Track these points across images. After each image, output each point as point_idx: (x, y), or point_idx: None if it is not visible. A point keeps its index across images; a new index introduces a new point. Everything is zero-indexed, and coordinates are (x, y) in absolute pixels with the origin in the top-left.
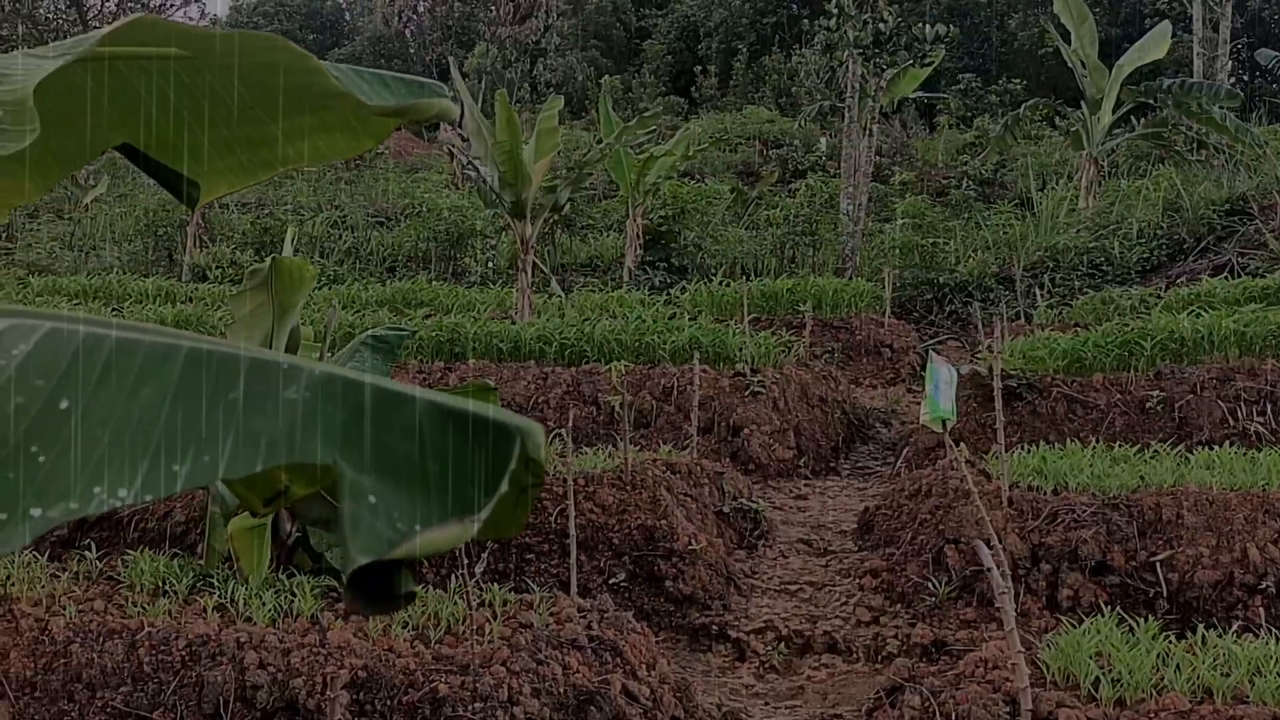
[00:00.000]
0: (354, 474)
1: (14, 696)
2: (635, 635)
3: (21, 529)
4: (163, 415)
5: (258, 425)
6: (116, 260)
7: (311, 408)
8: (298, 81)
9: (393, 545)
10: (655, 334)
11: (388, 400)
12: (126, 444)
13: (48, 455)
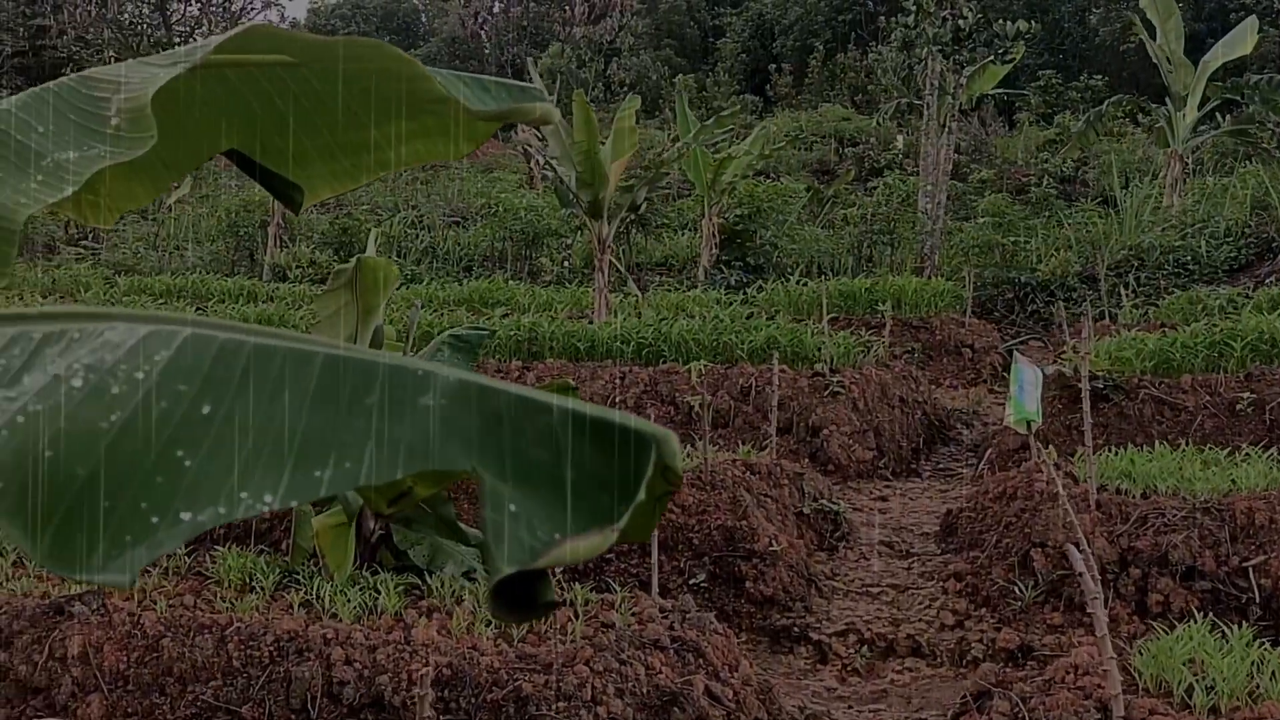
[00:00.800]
0: (494, 482)
1: (107, 690)
2: (717, 636)
3: (172, 532)
4: (303, 421)
5: (396, 432)
6: (199, 260)
7: (448, 414)
8: (402, 87)
9: (536, 555)
10: (733, 334)
11: (524, 407)
12: (269, 449)
13: (193, 460)
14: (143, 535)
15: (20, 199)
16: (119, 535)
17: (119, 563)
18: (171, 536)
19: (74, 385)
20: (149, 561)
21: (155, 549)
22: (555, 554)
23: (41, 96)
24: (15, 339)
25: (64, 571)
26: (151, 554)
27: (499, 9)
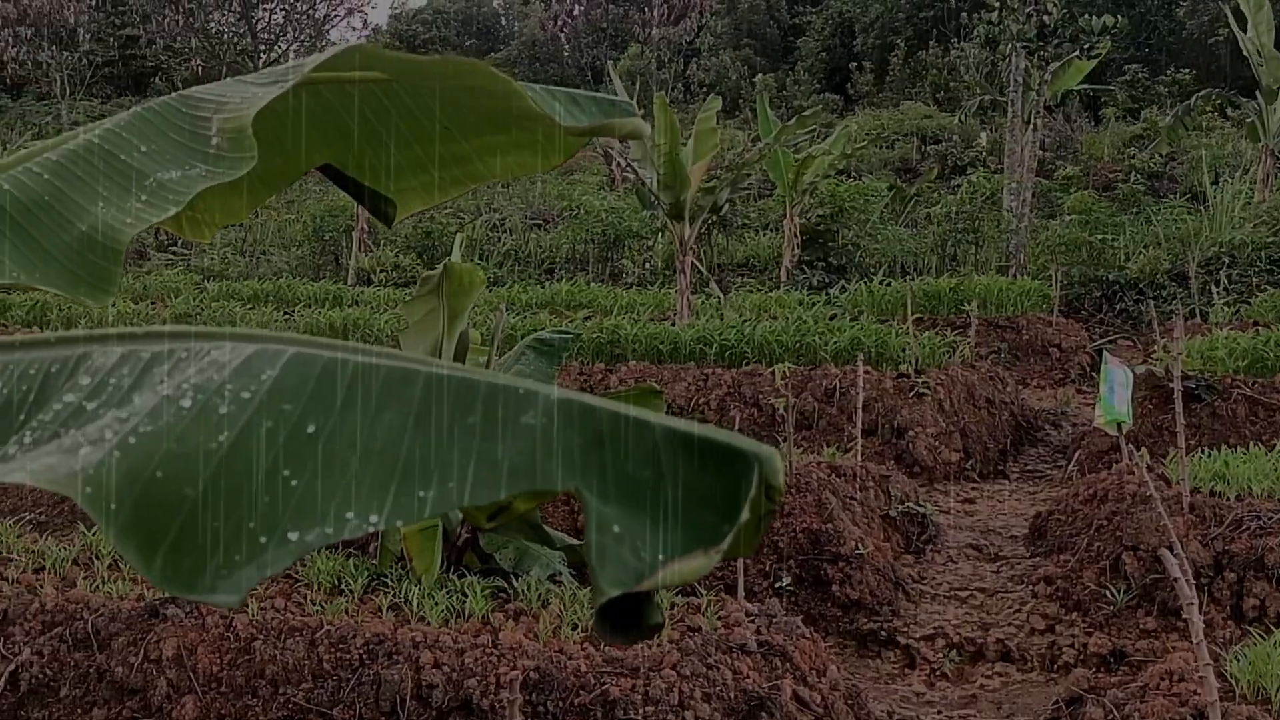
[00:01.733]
0: (598, 503)
1: (201, 691)
2: (804, 640)
3: (280, 553)
4: (405, 440)
5: (499, 451)
6: (285, 265)
7: (550, 434)
8: (494, 103)
9: (640, 577)
10: (817, 335)
11: (626, 426)
12: (373, 469)
13: (300, 479)
14: (252, 555)
15: (125, 219)
16: (228, 555)
17: (229, 583)
18: (280, 557)
19: (183, 405)
20: (258, 581)
21: (264, 569)
22: (659, 577)
23: (144, 116)
24: (125, 358)
25: (177, 591)
26: (261, 574)
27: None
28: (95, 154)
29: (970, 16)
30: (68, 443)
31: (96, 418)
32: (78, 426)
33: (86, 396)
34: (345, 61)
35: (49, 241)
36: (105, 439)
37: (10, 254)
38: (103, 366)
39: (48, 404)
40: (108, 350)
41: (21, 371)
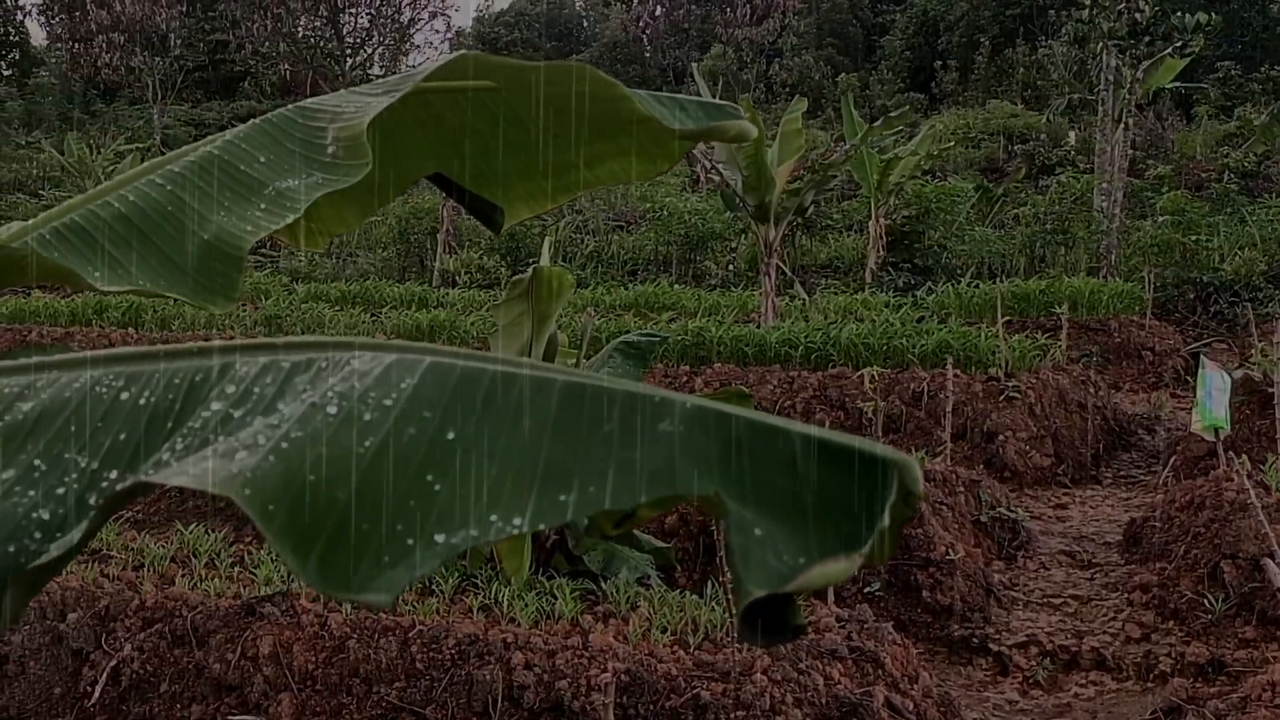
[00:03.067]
0: (737, 507)
1: (297, 689)
2: (895, 646)
3: (428, 554)
4: (545, 447)
5: (637, 457)
6: (371, 267)
7: (686, 440)
8: (602, 109)
9: (784, 579)
10: (904, 337)
11: (762, 433)
12: (514, 474)
13: (443, 484)
14: (400, 557)
15: (246, 226)
16: (378, 557)
17: (380, 583)
18: (428, 558)
19: (329, 412)
20: (408, 582)
21: (413, 570)
22: (804, 578)
23: (262, 127)
24: (267, 368)
25: (331, 591)
26: (410, 574)
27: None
28: (215, 165)
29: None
30: (223, 448)
31: (244, 425)
32: (226, 434)
33: (233, 405)
34: (456, 70)
35: (173, 250)
36: (259, 444)
37: (137, 262)
38: (246, 376)
39: (195, 412)
40: (250, 360)
41: (167, 381)
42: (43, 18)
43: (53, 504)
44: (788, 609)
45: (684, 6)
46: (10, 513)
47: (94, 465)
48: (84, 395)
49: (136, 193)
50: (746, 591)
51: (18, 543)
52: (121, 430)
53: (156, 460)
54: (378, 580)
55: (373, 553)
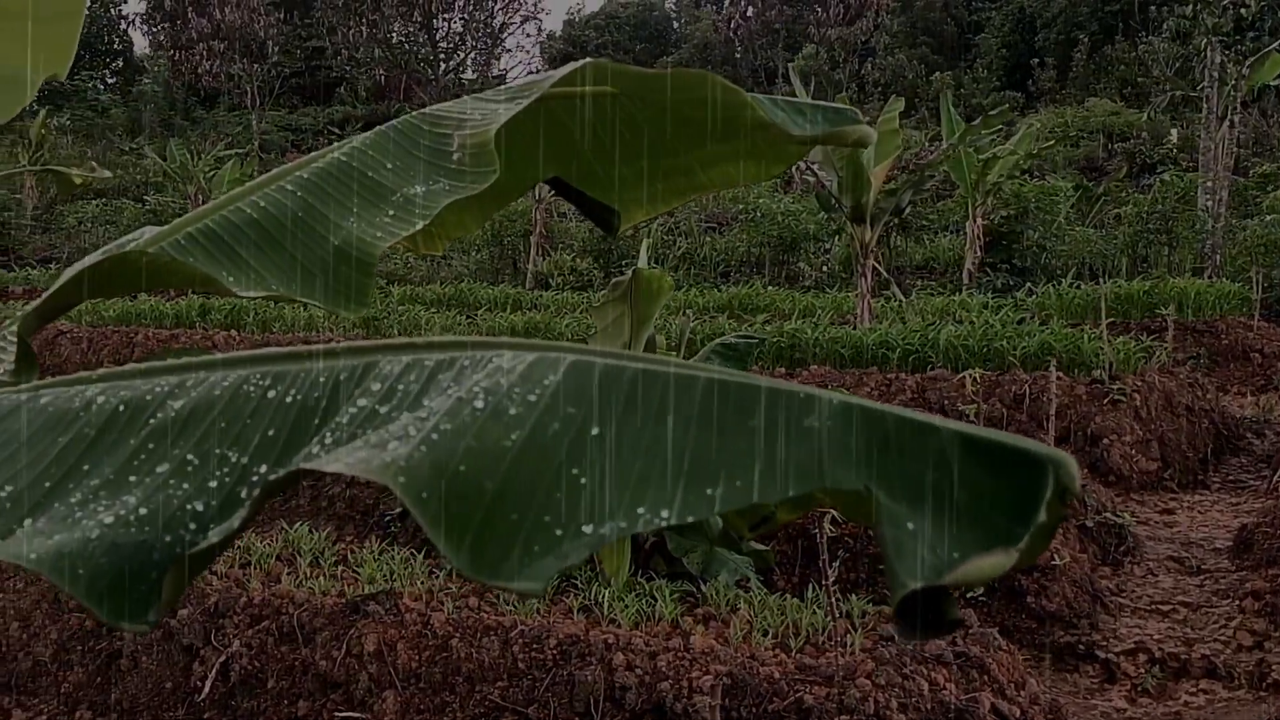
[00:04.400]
0: (888, 501)
1: (401, 686)
2: (1001, 653)
3: (576, 544)
4: (689, 442)
5: (784, 452)
6: (465, 269)
7: (834, 436)
8: (722, 114)
9: (939, 572)
10: (1004, 339)
11: (911, 429)
12: (659, 468)
13: (589, 478)
14: (549, 547)
15: (376, 233)
16: (528, 546)
17: (530, 571)
18: (576, 548)
19: (476, 406)
20: (557, 571)
21: (562, 559)
22: (961, 571)
23: (388, 134)
24: (410, 366)
25: (482, 578)
26: (559, 564)
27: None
28: (344, 171)
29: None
30: (374, 439)
31: (390, 420)
32: (373, 428)
33: (378, 401)
34: (579, 77)
35: (304, 256)
36: (410, 435)
37: (269, 267)
38: (390, 374)
39: (341, 409)
40: (393, 359)
41: (312, 380)
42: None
43: (205, 496)
44: (943, 603)
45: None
46: (166, 504)
47: (244, 460)
48: (232, 394)
49: (268, 199)
50: (901, 583)
51: (173, 533)
52: (269, 427)
53: (306, 453)
54: (528, 569)
55: (522, 542)
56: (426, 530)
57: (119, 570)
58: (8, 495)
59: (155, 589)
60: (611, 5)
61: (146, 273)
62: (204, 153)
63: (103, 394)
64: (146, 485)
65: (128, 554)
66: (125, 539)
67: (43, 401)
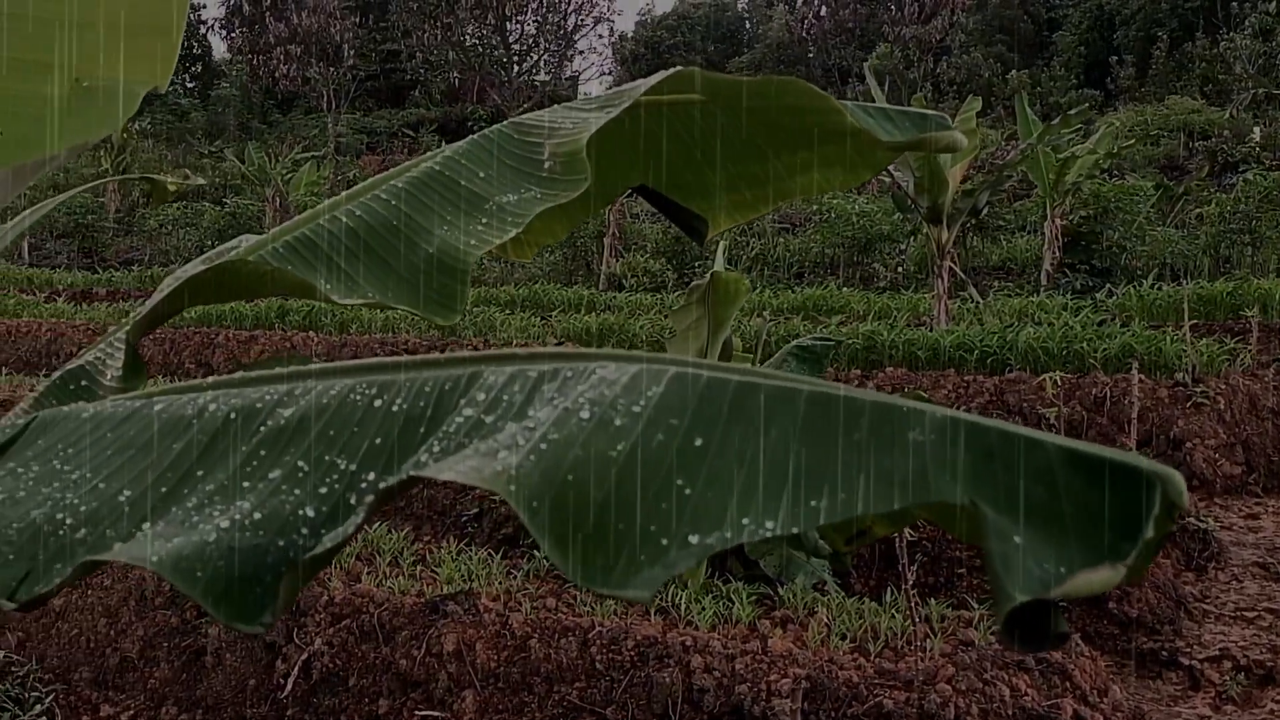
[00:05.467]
0: (994, 514)
1: (479, 686)
2: (1084, 659)
3: (683, 554)
4: (793, 453)
5: (887, 465)
6: (539, 271)
7: (938, 449)
8: (811, 120)
9: (1047, 585)
10: (1084, 341)
11: (1016, 443)
12: (764, 479)
13: (693, 488)
14: (656, 556)
15: (470, 241)
16: (635, 555)
17: (638, 580)
18: (682, 557)
19: (582, 417)
20: (665, 580)
21: (670, 568)
22: (1069, 585)
23: (479, 143)
24: (514, 376)
25: (591, 585)
26: (667, 572)
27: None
28: (437, 180)
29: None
30: (484, 447)
31: (497, 430)
32: (480, 437)
33: (484, 411)
34: (671, 85)
35: (399, 263)
36: (519, 444)
37: (364, 275)
38: (495, 384)
39: (448, 418)
40: (497, 370)
41: (417, 390)
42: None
43: (316, 502)
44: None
45: (849, 6)
46: (279, 510)
47: (352, 467)
48: (340, 402)
49: (363, 208)
50: (1009, 596)
51: (286, 537)
52: (377, 435)
53: (416, 461)
54: (636, 577)
55: (629, 550)
56: (536, 538)
57: (236, 573)
58: (126, 499)
59: (270, 591)
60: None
61: (248, 280)
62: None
63: (214, 401)
64: (259, 491)
65: (244, 557)
66: (241, 543)
67: (157, 408)
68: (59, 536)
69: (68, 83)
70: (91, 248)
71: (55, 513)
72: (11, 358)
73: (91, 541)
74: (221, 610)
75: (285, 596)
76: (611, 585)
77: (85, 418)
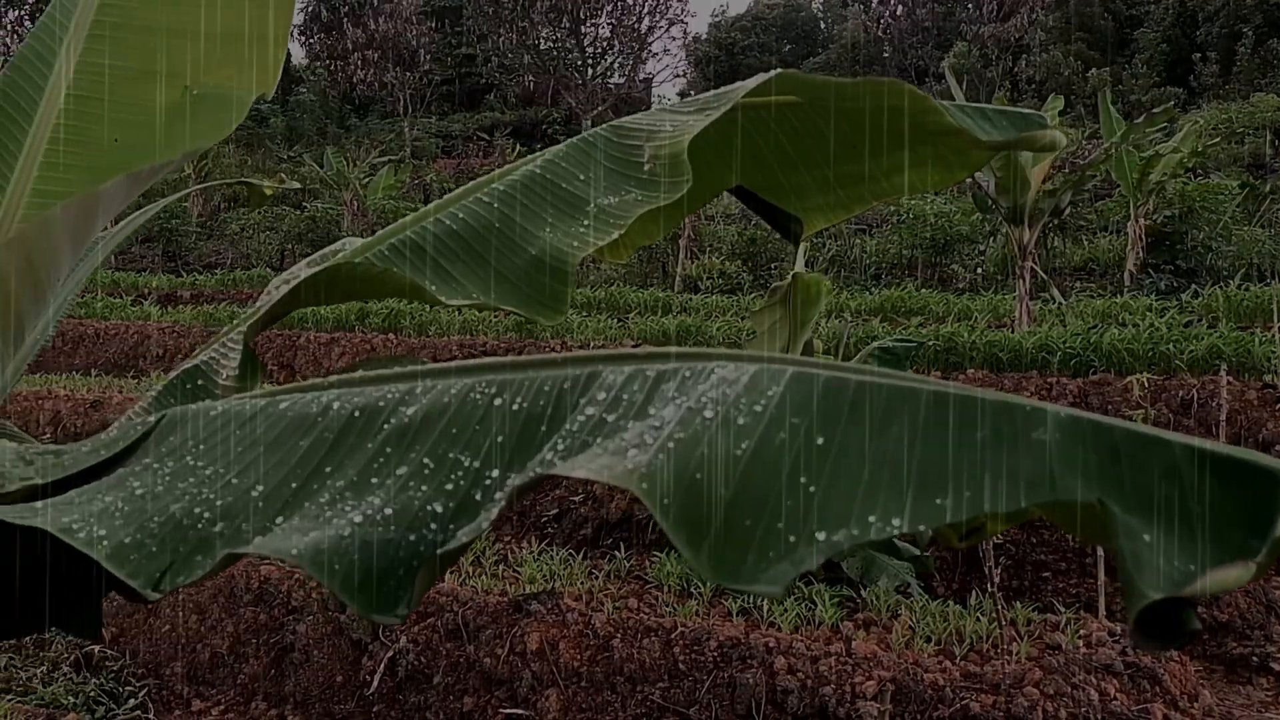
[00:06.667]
0: (1123, 514)
1: (563, 685)
2: (1173, 663)
3: (810, 550)
4: (916, 452)
5: (1012, 464)
6: (614, 272)
7: (1063, 448)
8: (909, 121)
9: (1180, 584)
10: (1170, 343)
11: (1141, 442)
12: (887, 478)
13: (817, 486)
14: (784, 552)
15: (573, 243)
16: (763, 551)
17: (768, 575)
18: (811, 554)
19: (706, 416)
20: (794, 576)
21: (799, 565)
22: (1203, 583)
23: (579, 147)
24: (633, 376)
25: (721, 580)
26: (795, 569)
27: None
28: (538, 183)
29: None
30: (613, 446)
31: (620, 428)
32: (604, 436)
33: (605, 410)
34: (769, 88)
35: (502, 265)
36: (647, 443)
37: (469, 277)
38: (614, 384)
39: (569, 416)
40: (615, 369)
41: (536, 389)
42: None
43: (443, 498)
44: (1185, 612)
45: (926, 4)
46: (408, 505)
47: (476, 464)
48: (461, 401)
49: (466, 211)
50: (1142, 594)
51: (416, 532)
52: (498, 433)
53: (542, 459)
54: (767, 573)
55: (758, 547)
56: (669, 534)
57: (371, 566)
58: (260, 494)
59: (404, 584)
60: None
61: (361, 281)
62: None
63: (337, 400)
64: (388, 487)
65: (378, 551)
66: (375, 537)
67: (281, 406)
68: (197, 530)
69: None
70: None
71: (193, 506)
72: (100, 359)
73: (229, 535)
74: (359, 602)
75: (420, 589)
76: (743, 580)
77: (214, 415)
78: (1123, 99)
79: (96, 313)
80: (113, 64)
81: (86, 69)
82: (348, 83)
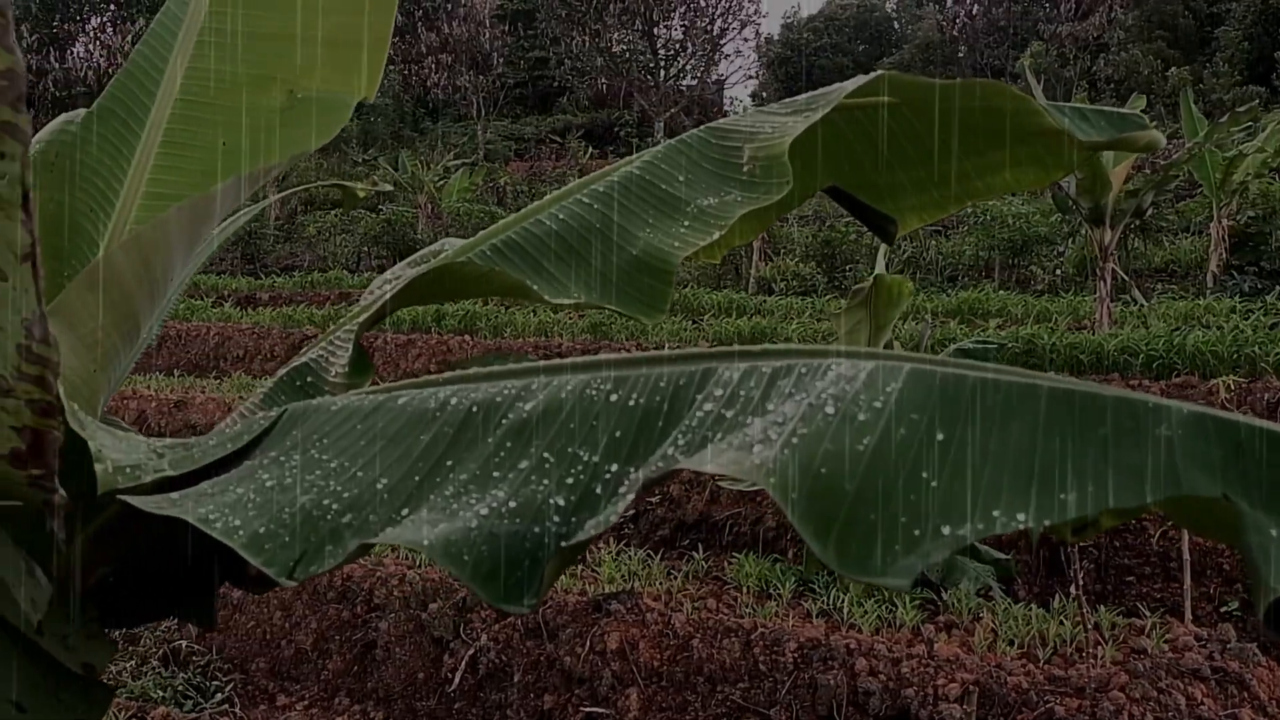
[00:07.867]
0: (1249, 509)
1: (643, 684)
2: (1261, 669)
3: (936, 543)
4: (1037, 447)
5: (1135, 459)
6: (688, 274)
7: (1188, 444)
8: (1005, 122)
9: None
10: (1256, 345)
11: (1267, 437)
12: (1009, 473)
13: (938, 480)
14: (910, 545)
15: (674, 243)
16: (888, 544)
17: (895, 568)
18: (936, 548)
19: (828, 412)
20: (921, 568)
21: (925, 558)
22: None
23: (677, 148)
24: (749, 373)
25: (848, 572)
26: (923, 562)
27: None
28: (637, 184)
29: None
30: (736, 441)
31: (739, 424)
32: (723, 431)
33: (723, 406)
34: (869, 89)
35: (603, 265)
36: (771, 439)
37: (571, 277)
38: (730, 380)
39: (688, 412)
40: (730, 366)
41: (652, 385)
42: None
43: (565, 492)
44: None
45: (1003, 4)
46: (531, 499)
47: (595, 459)
48: (577, 397)
49: (566, 211)
50: (1271, 588)
51: (540, 524)
52: (616, 428)
53: (664, 454)
54: (892, 566)
55: (884, 540)
56: (797, 527)
57: (499, 557)
58: (385, 486)
59: (532, 575)
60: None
61: (467, 280)
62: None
63: (454, 396)
64: (511, 481)
65: (505, 543)
66: (501, 529)
67: (400, 402)
68: (327, 521)
69: (283, 95)
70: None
71: (321, 498)
72: (182, 359)
73: (357, 525)
74: (489, 592)
75: (549, 579)
76: (870, 573)
77: (335, 410)
78: (1203, 98)
79: (179, 314)
80: (220, 69)
81: (195, 74)
82: (421, 86)
